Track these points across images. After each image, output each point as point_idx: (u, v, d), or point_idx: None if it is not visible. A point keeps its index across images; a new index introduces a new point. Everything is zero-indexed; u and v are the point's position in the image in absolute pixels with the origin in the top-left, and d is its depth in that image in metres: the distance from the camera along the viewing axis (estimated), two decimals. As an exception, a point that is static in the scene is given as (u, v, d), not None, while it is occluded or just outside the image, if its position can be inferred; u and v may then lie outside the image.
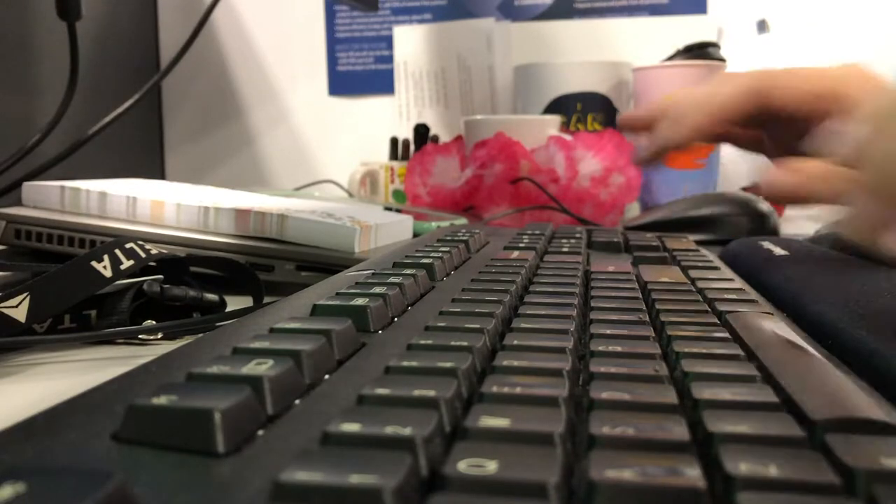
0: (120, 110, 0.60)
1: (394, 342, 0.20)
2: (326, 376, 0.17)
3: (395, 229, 0.49)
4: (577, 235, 0.44)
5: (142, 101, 0.62)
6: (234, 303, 0.36)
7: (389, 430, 0.13)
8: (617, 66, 0.87)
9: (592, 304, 0.25)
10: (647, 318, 0.24)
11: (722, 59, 0.86)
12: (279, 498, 0.11)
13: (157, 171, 1.07)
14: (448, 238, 0.39)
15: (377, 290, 0.24)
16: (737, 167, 0.85)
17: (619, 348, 0.19)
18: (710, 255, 0.39)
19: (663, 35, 0.97)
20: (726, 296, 0.27)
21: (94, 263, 0.31)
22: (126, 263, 0.32)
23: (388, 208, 0.64)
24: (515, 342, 0.20)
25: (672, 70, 0.83)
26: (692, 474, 0.12)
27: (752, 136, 0.50)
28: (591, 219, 0.68)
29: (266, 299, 0.37)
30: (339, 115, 1.07)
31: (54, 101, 0.56)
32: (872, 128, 0.27)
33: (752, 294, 0.29)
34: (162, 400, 0.13)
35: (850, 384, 0.18)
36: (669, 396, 0.16)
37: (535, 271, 0.32)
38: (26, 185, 0.49)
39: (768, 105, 0.44)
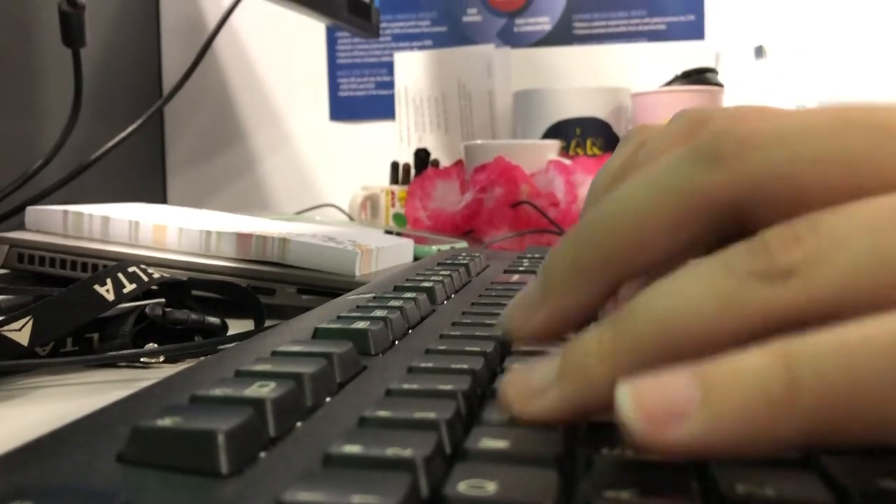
0: (123, 135, 0.60)
1: (395, 365, 0.20)
2: (328, 398, 0.18)
3: (395, 253, 0.49)
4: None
5: (144, 126, 0.63)
6: (236, 326, 0.37)
7: (390, 451, 0.13)
8: (616, 91, 0.88)
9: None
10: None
11: (720, 85, 0.87)
12: (282, 518, 0.11)
13: (159, 195, 1.08)
14: (448, 262, 0.39)
15: (378, 313, 0.24)
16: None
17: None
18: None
19: (661, 61, 0.98)
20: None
21: (96, 287, 0.32)
22: (129, 287, 0.33)
23: (388, 232, 0.65)
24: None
25: (670, 95, 0.84)
26: (690, 495, 0.13)
27: None
28: (590, 242, 0.68)
29: (267, 322, 0.37)
30: (341, 140, 1.08)
31: (58, 126, 0.56)
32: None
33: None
34: (166, 421, 0.14)
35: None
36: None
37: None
38: (29, 209, 0.50)
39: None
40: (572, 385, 0.15)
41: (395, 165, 0.95)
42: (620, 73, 0.98)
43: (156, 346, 0.33)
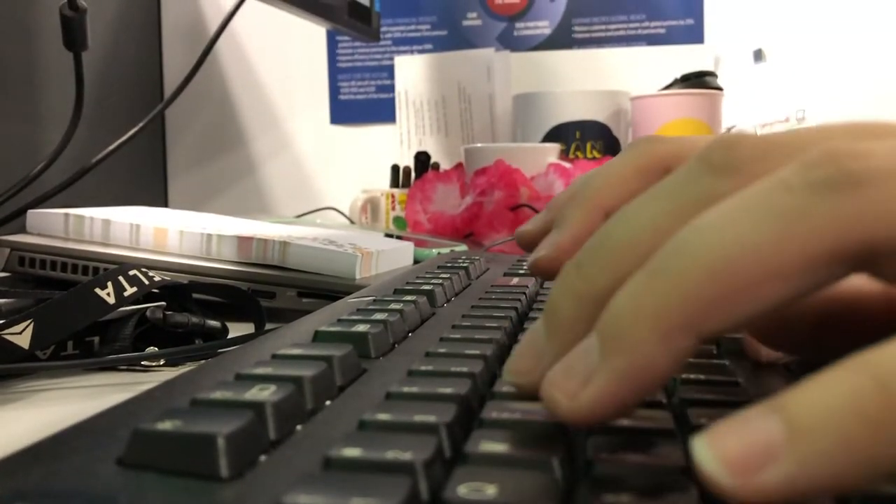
0: (124, 139, 0.60)
1: (394, 368, 0.21)
2: (328, 402, 0.18)
3: (395, 256, 0.49)
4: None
5: (146, 129, 0.63)
6: (236, 329, 0.37)
7: (390, 454, 0.13)
8: (615, 94, 0.88)
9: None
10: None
11: (719, 88, 0.87)
12: (282, 521, 0.11)
13: (160, 198, 1.08)
14: (448, 265, 0.40)
15: (378, 316, 0.24)
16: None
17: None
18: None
19: (661, 64, 0.98)
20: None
21: (97, 290, 0.32)
22: (129, 290, 0.33)
23: (388, 235, 0.65)
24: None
25: (669, 98, 0.84)
26: (689, 499, 0.13)
27: None
28: (590, 246, 0.68)
29: (268, 326, 0.37)
30: (341, 144, 1.08)
31: (59, 130, 0.56)
32: None
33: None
34: (166, 425, 0.14)
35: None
36: (666, 422, 0.16)
37: (535, 297, 0.33)
38: (31, 212, 0.50)
39: None
40: (620, 359, 0.13)
41: (395, 168, 0.95)
42: (620, 77, 0.99)
43: (156, 349, 0.33)
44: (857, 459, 0.11)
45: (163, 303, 0.35)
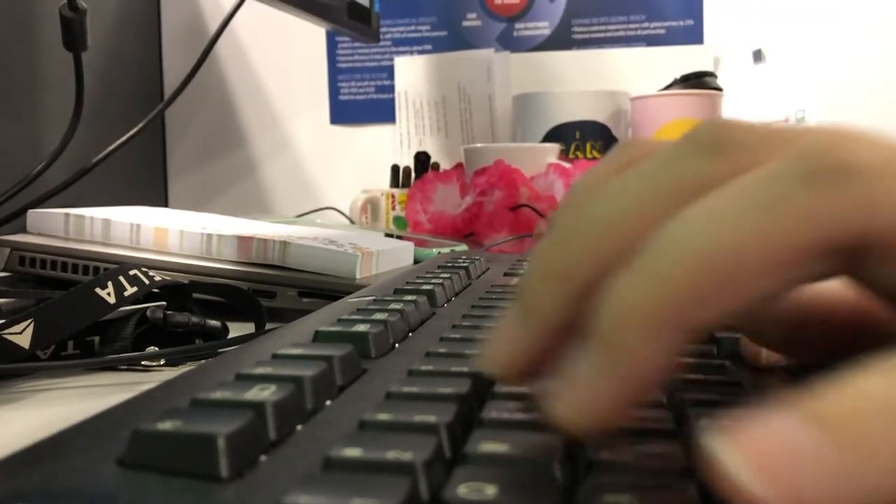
0: (124, 139, 0.60)
1: (395, 368, 0.21)
2: (328, 402, 0.18)
3: (396, 256, 0.49)
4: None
5: (145, 129, 0.63)
6: (237, 329, 0.37)
7: (390, 455, 0.13)
8: (615, 94, 0.88)
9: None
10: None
11: (719, 89, 0.87)
12: (282, 521, 0.11)
13: (160, 198, 1.08)
14: (448, 264, 0.40)
15: (378, 316, 0.24)
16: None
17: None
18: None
19: (661, 65, 0.98)
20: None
21: (97, 290, 0.32)
22: (130, 290, 0.33)
23: (389, 235, 0.65)
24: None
25: (669, 99, 0.84)
26: (689, 499, 0.13)
27: None
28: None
29: (268, 326, 0.37)
30: (341, 144, 1.08)
31: (59, 130, 0.56)
32: None
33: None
34: (166, 425, 0.14)
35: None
36: (667, 422, 0.16)
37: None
38: (31, 212, 0.50)
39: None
40: (616, 362, 0.12)
41: (395, 169, 0.95)
42: (620, 77, 0.98)
43: (157, 349, 0.33)
44: None
45: (163, 303, 0.35)
